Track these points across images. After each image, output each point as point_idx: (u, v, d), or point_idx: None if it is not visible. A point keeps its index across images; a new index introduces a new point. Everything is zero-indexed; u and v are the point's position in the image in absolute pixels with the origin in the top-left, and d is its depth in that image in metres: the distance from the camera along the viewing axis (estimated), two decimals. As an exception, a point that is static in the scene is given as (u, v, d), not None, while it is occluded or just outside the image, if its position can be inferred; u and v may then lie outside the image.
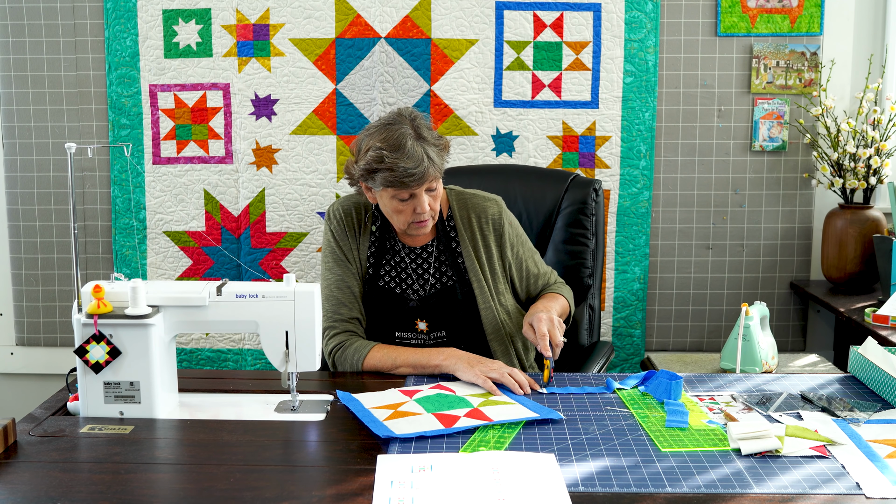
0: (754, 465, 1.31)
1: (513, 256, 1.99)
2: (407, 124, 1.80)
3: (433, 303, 1.93)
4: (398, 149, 1.75)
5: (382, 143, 1.77)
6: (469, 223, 1.96)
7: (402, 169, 1.75)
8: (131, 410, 1.51)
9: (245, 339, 2.97)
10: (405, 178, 1.75)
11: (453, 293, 1.93)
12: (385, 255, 1.96)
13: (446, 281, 1.94)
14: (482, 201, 1.98)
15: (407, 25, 2.80)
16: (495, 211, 1.98)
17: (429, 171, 1.77)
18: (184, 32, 2.83)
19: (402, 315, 1.94)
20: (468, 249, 1.94)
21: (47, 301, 2.99)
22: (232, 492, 1.22)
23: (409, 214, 1.83)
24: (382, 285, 1.94)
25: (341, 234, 1.95)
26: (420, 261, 1.95)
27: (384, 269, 1.95)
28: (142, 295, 1.50)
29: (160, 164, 2.89)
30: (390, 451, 1.36)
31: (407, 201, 1.82)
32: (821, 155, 2.78)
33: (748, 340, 2.07)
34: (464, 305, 1.93)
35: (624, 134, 2.83)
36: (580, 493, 1.22)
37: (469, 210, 1.97)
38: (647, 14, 2.78)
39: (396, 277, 1.95)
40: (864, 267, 2.71)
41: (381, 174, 1.77)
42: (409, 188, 1.78)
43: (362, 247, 1.95)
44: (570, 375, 1.76)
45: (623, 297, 2.90)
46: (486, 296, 1.92)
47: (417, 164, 1.75)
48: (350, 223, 1.95)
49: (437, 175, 1.81)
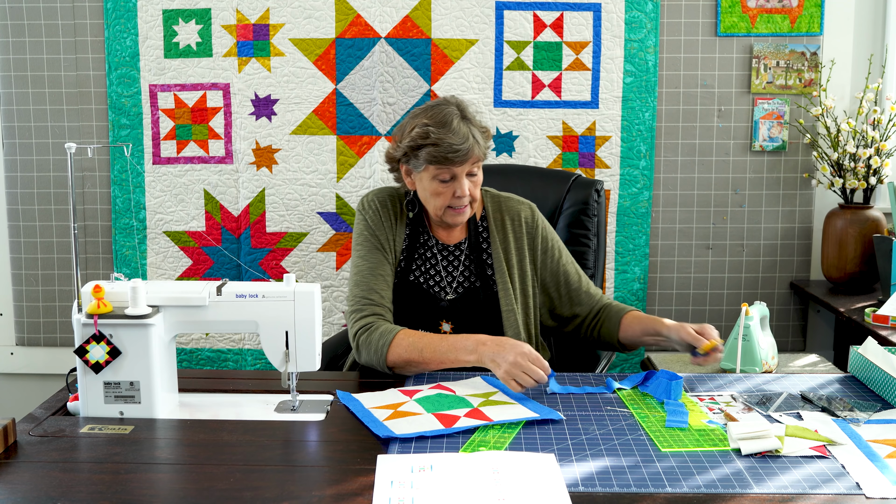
0: (754, 465, 1.31)
1: (548, 261, 1.97)
2: (453, 106, 1.84)
3: (460, 304, 1.92)
4: (444, 125, 1.79)
5: (429, 120, 1.81)
6: (502, 225, 1.96)
7: (447, 144, 1.77)
8: (131, 410, 1.51)
9: (245, 339, 2.97)
10: (450, 154, 1.77)
11: (478, 295, 1.92)
12: (417, 249, 1.95)
13: (474, 280, 1.94)
14: (516, 204, 1.99)
15: (407, 25, 2.80)
16: (528, 214, 1.98)
17: (473, 149, 1.79)
18: (184, 32, 2.83)
19: (429, 314, 1.93)
20: (498, 251, 1.93)
21: (47, 301, 2.99)
22: (232, 492, 1.22)
23: (448, 197, 1.84)
24: (413, 280, 1.94)
25: (377, 223, 1.94)
26: (452, 258, 1.95)
27: (416, 264, 1.95)
28: (142, 295, 1.50)
29: (160, 164, 2.89)
30: (390, 451, 1.36)
31: (448, 183, 1.83)
32: (821, 155, 2.78)
33: (748, 340, 2.07)
34: (487, 307, 1.91)
35: (624, 134, 2.83)
36: (580, 493, 1.22)
37: (503, 212, 1.97)
38: (647, 14, 2.78)
39: (426, 274, 1.94)
40: (864, 267, 2.71)
41: (426, 150, 1.79)
42: (452, 165, 1.80)
43: (398, 238, 1.94)
44: (570, 375, 1.76)
45: (623, 297, 2.90)
46: (510, 299, 1.91)
47: (463, 140, 1.78)
48: (386, 214, 1.95)
49: (480, 157, 1.83)
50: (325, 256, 2.92)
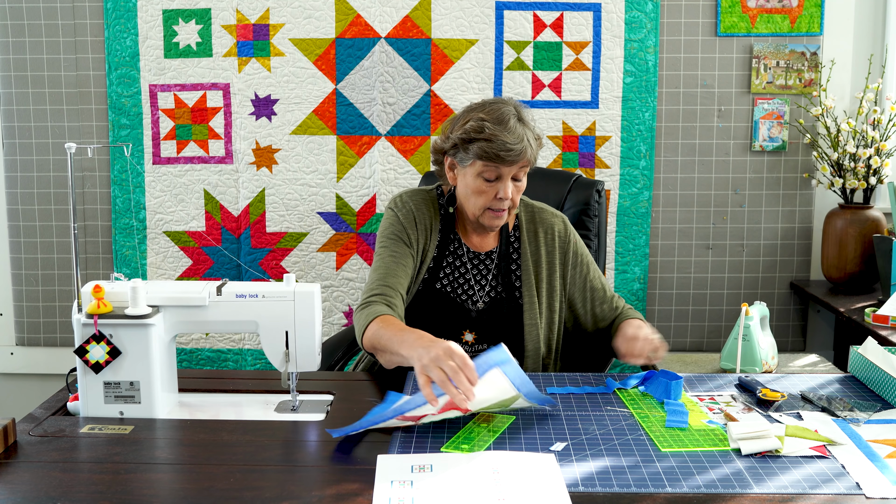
0: (754, 465, 1.31)
1: (577, 276, 1.94)
2: (511, 106, 1.81)
3: (486, 315, 1.89)
4: (501, 122, 1.75)
5: (486, 116, 1.77)
6: (535, 236, 1.93)
7: (500, 141, 1.73)
8: (131, 410, 1.51)
9: (245, 339, 2.97)
10: (502, 152, 1.74)
11: (503, 306, 1.89)
12: (447, 257, 1.91)
13: (501, 290, 1.90)
14: (550, 217, 1.96)
15: (407, 25, 2.80)
16: (562, 228, 1.95)
17: (526, 151, 1.76)
18: (184, 32, 2.83)
19: (453, 323, 1.88)
20: (528, 263, 1.90)
21: (47, 301, 2.99)
22: (232, 492, 1.22)
23: (490, 198, 1.80)
24: (440, 288, 1.89)
25: (409, 221, 1.88)
26: (482, 267, 1.91)
27: (444, 272, 1.90)
28: (142, 295, 1.50)
29: (160, 164, 2.89)
30: (390, 450, 1.36)
31: (492, 183, 1.79)
32: (821, 155, 2.78)
33: (748, 340, 2.07)
34: (510, 320, 1.88)
35: (624, 134, 2.83)
36: (580, 493, 1.22)
37: (536, 224, 1.94)
38: (647, 14, 2.78)
39: (454, 282, 1.90)
40: (864, 267, 2.71)
41: (478, 144, 1.75)
42: (502, 164, 1.76)
43: (430, 243, 1.89)
44: (570, 375, 1.76)
45: (623, 297, 2.90)
46: (534, 313, 1.88)
47: (518, 140, 1.74)
48: (420, 216, 1.89)
49: (530, 161, 1.80)
50: (325, 256, 2.92)
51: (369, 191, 2.87)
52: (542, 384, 1.69)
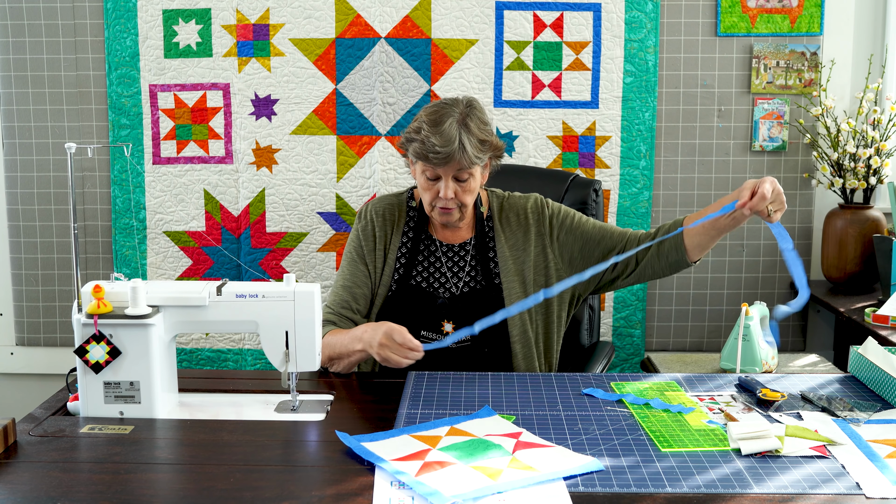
0: (754, 465, 1.31)
1: (567, 235, 1.95)
2: (458, 109, 1.85)
3: (462, 304, 1.92)
4: (436, 125, 1.81)
5: (427, 116, 1.84)
6: (508, 222, 1.97)
7: (430, 144, 1.79)
8: (131, 410, 1.51)
9: (245, 339, 2.97)
10: (430, 154, 1.80)
11: (482, 295, 1.92)
12: (420, 254, 1.96)
13: (480, 280, 1.94)
14: (520, 199, 2.00)
15: (407, 25, 2.80)
16: (533, 204, 1.99)
17: (455, 155, 1.79)
18: (184, 32, 2.83)
19: (429, 313, 1.93)
20: (504, 250, 1.94)
21: (47, 301, 2.99)
22: (232, 492, 1.22)
23: (434, 196, 1.86)
24: (415, 284, 1.95)
25: (368, 233, 1.98)
26: (457, 258, 1.96)
27: (417, 270, 1.96)
28: (142, 295, 1.50)
29: (160, 164, 2.89)
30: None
31: (433, 181, 1.86)
32: (821, 155, 2.78)
33: (748, 340, 2.07)
34: (490, 307, 1.88)
35: (624, 134, 2.83)
36: (580, 493, 1.22)
37: (507, 210, 1.99)
38: (647, 14, 2.78)
39: (430, 276, 1.95)
40: (864, 267, 2.71)
41: (414, 144, 1.83)
42: (433, 165, 1.82)
43: (392, 248, 1.96)
44: (570, 375, 1.76)
45: (623, 297, 2.90)
46: (516, 296, 1.91)
47: (446, 143, 1.78)
48: (381, 224, 1.98)
49: (465, 165, 1.82)
50: (324, 256, 2.92)
51: (369, 191, 2.87)
52: (544, 385, 1.69)
